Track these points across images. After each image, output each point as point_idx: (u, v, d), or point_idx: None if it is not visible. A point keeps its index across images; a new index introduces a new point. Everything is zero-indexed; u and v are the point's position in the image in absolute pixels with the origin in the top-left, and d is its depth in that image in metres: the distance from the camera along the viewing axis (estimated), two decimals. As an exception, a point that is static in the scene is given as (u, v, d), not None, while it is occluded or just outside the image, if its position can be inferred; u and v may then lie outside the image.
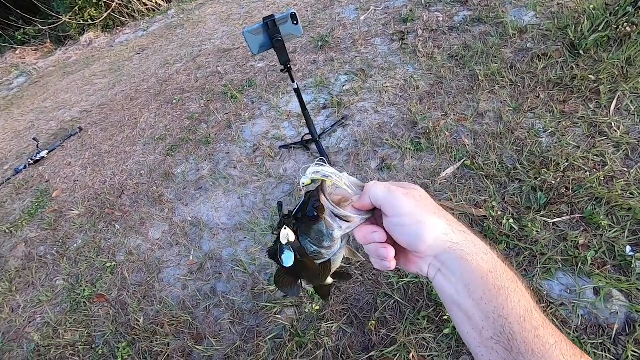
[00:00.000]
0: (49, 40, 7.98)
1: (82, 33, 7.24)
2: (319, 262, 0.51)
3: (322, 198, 0.46)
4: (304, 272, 0.54)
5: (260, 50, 1.74)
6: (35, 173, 3.45)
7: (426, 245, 0.42)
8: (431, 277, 0.44)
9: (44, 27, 7.53)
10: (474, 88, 2.27)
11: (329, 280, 0.60)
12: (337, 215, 0.46)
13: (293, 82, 1.95)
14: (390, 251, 0.46)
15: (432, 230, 0.42)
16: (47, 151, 3.64)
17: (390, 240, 0.46)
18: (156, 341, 1.75)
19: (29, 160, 3.56)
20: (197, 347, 1.67)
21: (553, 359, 0.34)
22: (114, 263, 2.23)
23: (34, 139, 3.74)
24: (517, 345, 0.35)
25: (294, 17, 1.64)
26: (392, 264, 0.46)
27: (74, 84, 5.37)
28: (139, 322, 1.85)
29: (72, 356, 1.85)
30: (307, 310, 1.61)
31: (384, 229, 0.46)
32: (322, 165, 0.49)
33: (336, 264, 0.54)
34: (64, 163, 3.45)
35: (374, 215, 0.48)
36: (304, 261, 0.50)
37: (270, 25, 1.66)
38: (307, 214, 0.47)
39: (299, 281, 0.57)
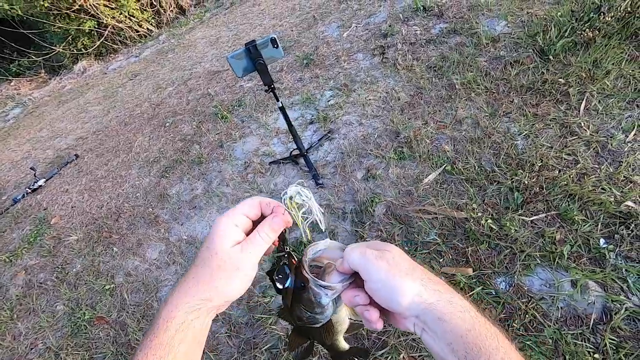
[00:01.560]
0: (43, 71, 8.14)
1: (75, 62, 7.39)
2: (317, 325, 0.54)
3: (304, 272, 0.50)
4: (310, 334, 0.59)
5: (244, 73, 1.85)
6: (34, 201, 3.51)
7: (402, 308, 0.43)
8: (419, 335, 0.45)
9: (37, 58, 7.69)
10: (452, 96, 2.38)
11: (345, 345, 0.63)
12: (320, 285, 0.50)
13: (277, 101, 2.05)
14: (373, 313, 0.47)
15: (406, 294, 0.43)
16: (44, 179, 3.70)
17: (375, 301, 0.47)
18: (156, 359, 1.79)
19: (27, 189, 3.62)
20: (196, 362, 1.71)
21: None
22: (112, 285, 2.27)
23: (31, 168, 3.81)
24: None
25: (274, 41, 1.75)
26: (378, 325, 0.47)
27: (69, 113, 5.48)
28: (139, 341, 1.89)
29: (74, 379, 1.89)
30: (301, 320, 1.66)
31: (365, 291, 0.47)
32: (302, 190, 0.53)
33: (342, 324, 0.58)
34: (61, 190, 3.51)
35: (358, 277, 0.48)
36: (300, 326, 0.55)
37: (252, 50, 1.76)
38: (295, 285, 0.51)
39: (309, 343, 0.62)
